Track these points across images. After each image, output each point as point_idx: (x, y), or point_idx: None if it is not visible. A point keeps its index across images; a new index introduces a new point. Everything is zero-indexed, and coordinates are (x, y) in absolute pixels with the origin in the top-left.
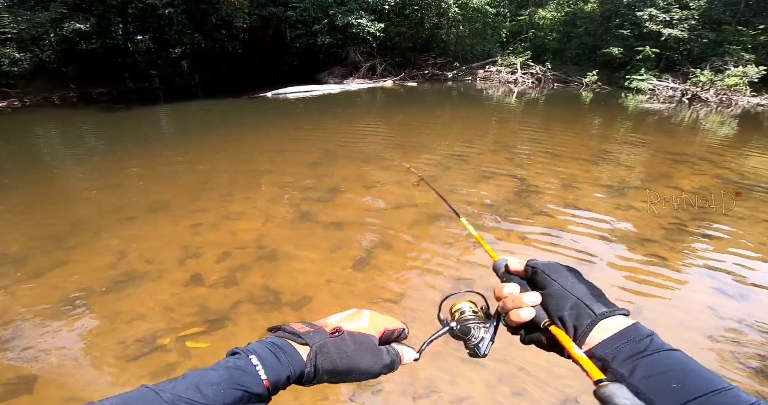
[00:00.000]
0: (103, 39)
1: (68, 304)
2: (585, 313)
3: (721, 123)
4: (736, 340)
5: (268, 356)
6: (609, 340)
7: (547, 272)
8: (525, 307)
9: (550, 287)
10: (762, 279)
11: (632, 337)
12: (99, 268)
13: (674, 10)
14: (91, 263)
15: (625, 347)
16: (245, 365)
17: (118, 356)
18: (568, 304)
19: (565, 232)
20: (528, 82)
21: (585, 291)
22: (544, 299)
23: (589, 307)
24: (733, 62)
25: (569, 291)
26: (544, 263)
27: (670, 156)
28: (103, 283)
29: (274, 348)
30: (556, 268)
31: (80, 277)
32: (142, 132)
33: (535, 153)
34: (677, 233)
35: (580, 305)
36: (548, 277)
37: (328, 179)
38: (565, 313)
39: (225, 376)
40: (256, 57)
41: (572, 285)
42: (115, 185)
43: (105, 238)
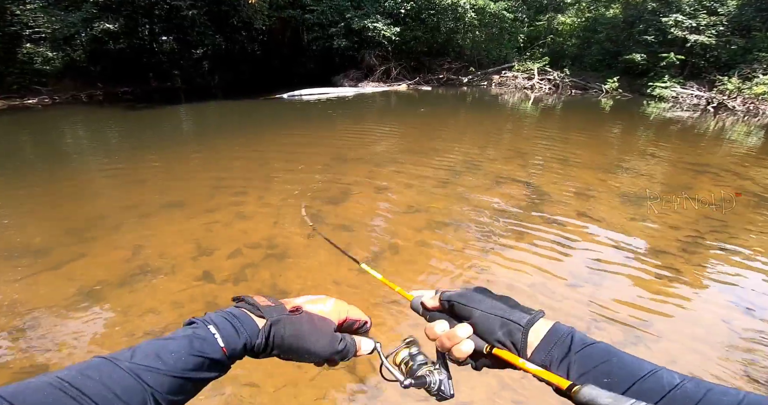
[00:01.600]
0: (130, 39)
1: (84, 295)
2: (514, 328)
3: (748, 133)
4: (749, 356)
5: (225, 325)
6: (540, 347)
7: (463, 302)
8: (462, 341)
9: (473, 316)
10: None
11: (557, 339)
12: (115, 261)
13: (701, 15)
14: (107, 257)
15: (555, 351)
16: (204, 334)
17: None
18: (497, 325)
19: (576, 241)
20: (545, 88)
21: (503, 307)
22: (474, 327)
23: (515, 321)
24: (762, 70)
25: (491, 313)
26: (457, 293)
27: (691, 166)
28: (119, 276)
29: (232, 317)
30: (468, 295)
31: (97, 270)
32: (163, 130)
33: (549, 160)
34: (693, 246)
35: (506, 323)
36: (466, 306)
37: (340, 181)
38: (498, 334)
39: (184, 344)
40: (274, 59)
41: (490, 306)
42: (134, 182)
43: (122, 233)
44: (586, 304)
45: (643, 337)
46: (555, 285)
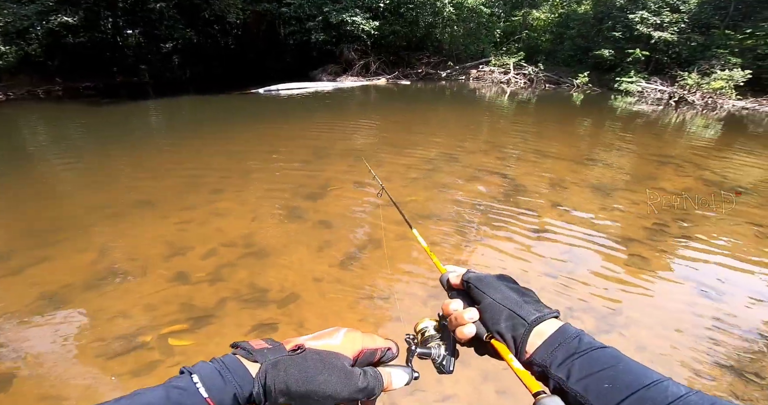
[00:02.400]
0: (91, 32)
1: (48, 300)
2: (519, 323)
3: (706, 126)
4: (713, 339)
5: (210, 374)
6: (544, 346)
7: (478, 286)
8: (467, 324)
9: (483, 302)
10: (739, 279)
11: (563, 340)
12: (81, 264)
13: (665, 13)
14: (73, 259)
15: (558, 351)
16: (185, 384)
17: (98, 354)
18: (502, 316)
19: (551, 232)
20: (520, 83)
21: (516, 300)
22: (481, 314)
23: (522, 317)
24: (720, 66)
25: (501, 303)
26: (476, 276)
27: (655, 158)
28: (85, 279)
29: (220, 365)
30: (487, 280)
31: (61, 274)
32: (130, 127)
33: (525, 153)
34: (659, 234)
35: (513, 316)
36: (480, 291)
37: (319, 177)
38: (501, 326)
39: (162, 395)
40: (249, 53)
41: (503, 296)
42: (100, 181)
43: (88, 235)
44: (562, 293)
45: (615, 323)
46: (532, 274)
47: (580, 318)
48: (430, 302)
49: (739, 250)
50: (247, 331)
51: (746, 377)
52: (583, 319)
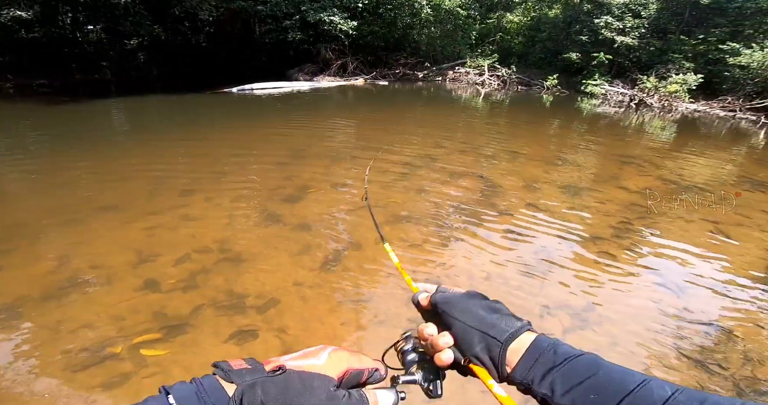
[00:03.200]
0: (47, 28)
1: (3, 313)
2: (493, 344)
3: (663, 128)
4: (676, 332)
5: (189, 395)
6: (522, 363)
7: (446, 310)
8: (444, 350)
9: (454, 326)
10: (697, 274)
11: (539, 354)
12: (38, 274)
13: (627, 18)
14: (28, 269)
15: (537, 366)
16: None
17: (63, 367)
18: (475, 339)
19: (527, 231)
20: (494, 84)
21: (486, 319)
22: (454, 338)
23: (494, 337)
24: (675, 70)
25: (471, 325)
26: (443, 299)
27: (618, 158)
28: (43, 290)
29: (198, 386)
30: (454, 301)
31: (15, 284)
32: (91, 127)
33: (500, 154)
34: (624, 232)
35: (485, 337)
36: (449, 315)
37: (296, 179)
38: (476, 349)
39: None
40: (222, 51)
41: (473, 317)
42: (57, 184)
43: (45, 242)
44: (538, 292)
45: (588, 320)
46: (509, 274)
47: (557, 315)
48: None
49: (696, 246)
50: (226, 339)
51: (709, 368)
52: (559, 317)
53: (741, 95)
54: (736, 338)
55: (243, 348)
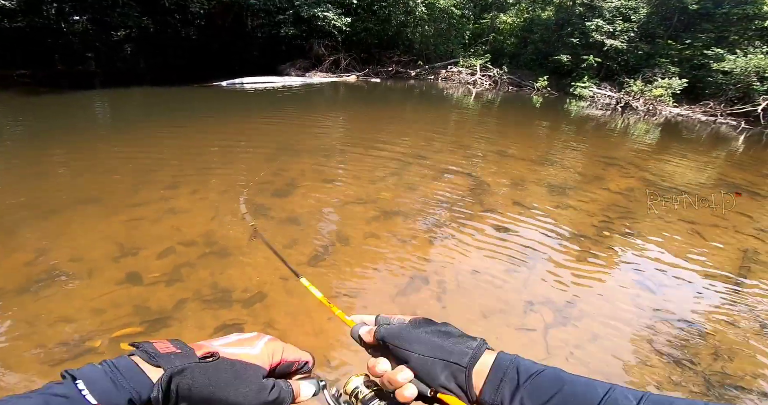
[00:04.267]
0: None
1: None
2: (456, 370)
3: (647, 130)
4: (652, 329)
5: (100, 379)
6: (488, 385)
7: (398, 345)
8: (405, 386)
9: (411, 359)
10: (675, 273)
11: (503, 374)
12: (12, 266)
13: (618, 21)
14: (2, 261)
15: (503, 387)
16: (69, 391)
17: (40, 361)
18: (437, 369)
19: (513, 229)
20: (486, 84)
21: (442, 346)
22: (414, 372)
23: (456, 363)
24: (661, 74)
25: (429, 356)
26: (390, 333)
27: (603, 159)
28: (19, 283)
29: (112, 369)
30: (403, 334)
31: None
32: (72, 118)
33: (488, 153)
34: (606, 230)
35: (447, 365)
36: (401, 349)
37: (285, 173)
38: (441, 379)
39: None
40: (213, 45)
41: (428, 347)
42: (33, 175)
43: (20, 234)
44: (522, 289)
45: (570, 316)
46: (495, 271)
47: (540, 311)
48: (398, 298)
49: (674, 246)
50: (210, 333)
51: (682, 363)
52: (542, 312)
53: (723, 100)
54: (708, 335)
55: None
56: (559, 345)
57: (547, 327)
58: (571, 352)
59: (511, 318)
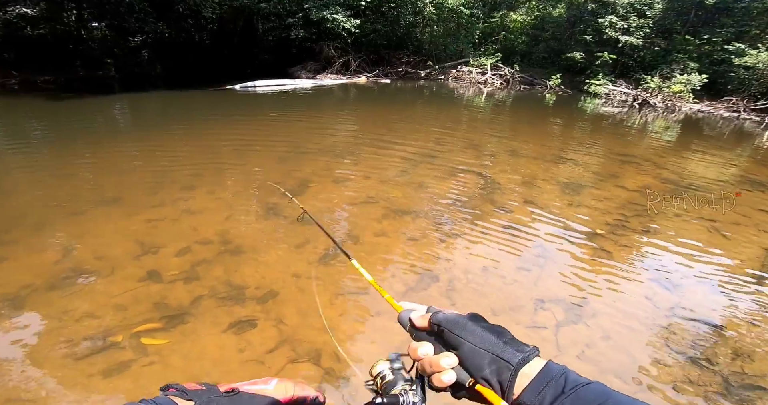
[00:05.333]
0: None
1: (8, 302)
2: (504, 366)
3: (666, 127)
4: (668, 328)
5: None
6: (531, 387)
7: (453, 330)
8: (444, 371)
9: (461, 347)
10: (691, 271)
11: (549, 379)
12: (42, 264)
13: (632, 18)
14: (32, 259)
15: (546, 391)
16: None
17: (66, 355)
18: (485, 361)
19: (524, 227)
20: (497, 83)
21: (495, 342)
22: (460, 359)
23: (506, 360)
24: (679, 70)
25: (481, 347)
26: (447, 319)
27: (618, 157)
28: (48, 280)
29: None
30: (460, 322)
31: (20, 274)
32: (94, 122)
33: (500, 152)
34: (621, 229)
35: (496, 360)
36: (456, 335)
37: (297, 174)
38: (486, 371)
39: None
40: (225, 49)
41: (482, 339)
42: (60, 177)
43: (49, 233)
44: (533, 287)
45: (582, 314)
46: (506, 268)
47: (551, 309)
48: (408, 295)
49: (693, 244)
50: (225, 329)
51: (700, 363)
52: (553, 310)
53: (746, 96)
54: (727, 335)
55: (241, 337)
56: (570, 343)
57: (558, 325)
58: (582, 350)
59: (522, 316)
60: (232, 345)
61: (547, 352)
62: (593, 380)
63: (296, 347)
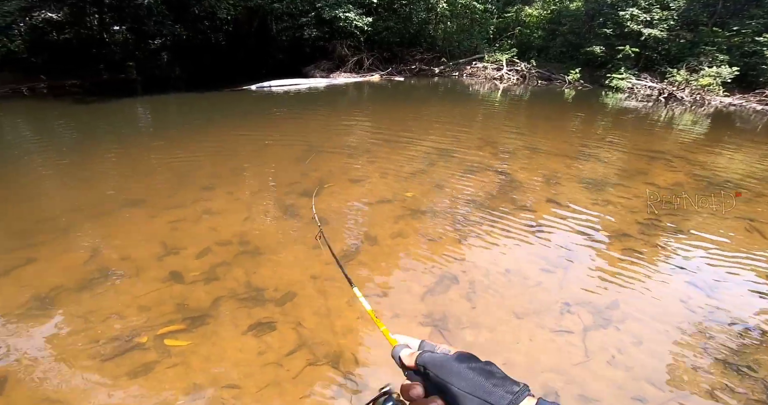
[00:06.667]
0: (76, 29)
1: (39, 302)
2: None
3: (695, 122)
4: (707, 333)
5: None
6: None
7: (438, 374)
8: None
9: (448, 391)
10: (729, 272)
11: None
12: (71, 265)
13: (655, 10)
14: (61, 260)
15: None
16: None
17: (93, 356)
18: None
19: (546, 227)
20: (513, 79)
21: (483, 385)
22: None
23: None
24: (708, 63)
25: (468, 392)
26: (433, 361)
27: (646, 153)
28: (76, 280)
29: None
30: (446, 365)
31: (50, 275)
32: (117, 125)
33: (519, 148)
34: (652, 228)
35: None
36: (441, 379)
37: (313, 174)
38: None
39: None
40: (240, 49)
41: (469, 383)
42: (86, 179)
43: (76, 235)
44: (558, 289)
45: (611, 318)
46: (528, 270)
47: (577, 313)
48: (427, 298)
49: (730, 244)
50: (245, 331)
51: (740, 370)
52: (580, 314)
53: None
54: None
55: (261, 340)
56: (599, 348)
57: (586, 329)
58: (612, 355)
59: (546, 319)
60: (251, 347)
61: (574, 358)
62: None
63: (315, 350)
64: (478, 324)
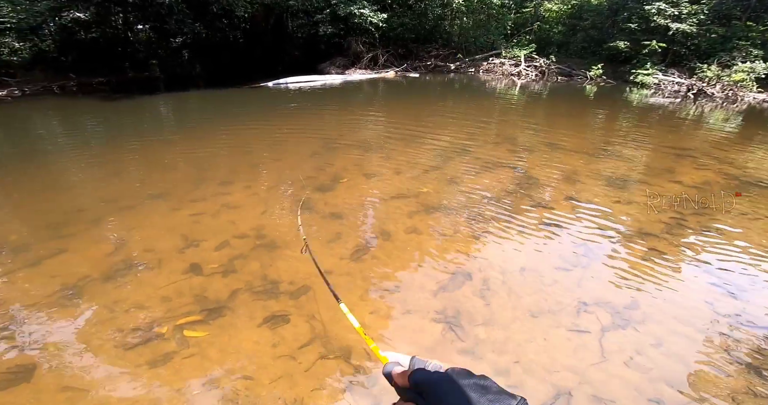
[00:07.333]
0: (102, 28)
1: (67, 292)
2: None
3: (726, 119)
4: (730, 336)
5: None
6: None
7: (433, 391)
8: None
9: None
10: (759, 275)
11: None
12: (98, 256)
13: (683, 4)
14: (89, 252)
15: None
16: None
17: (117, 345)
18: None
19: (565, 224)
20: (531, 75)
21: (479, 400)
22: None
23: None
24: (741, 58)
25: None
26: (427, 379)
27: (672, 151)
28: (102, 271)
29: None
30: (439, 383)
31: (78, 266)
32: (142, 121)
33: (536, 145)
34: (677, 228)
35: None
36: (434, 398)
37: (328, 168)
38: None
39: None
40: (257, 46)
41: (462, 400)
42: (113, 173)
43: (103, 227)
44: (575, 288)
45: (631, 319)
46: (545, 269)
47: (595, 313)
48: (440, 294)
49: (760, 246)
50: (260, 323)
51: (764, 375)
52: (598, 314)
53: None
54: None
55: (275, 332)
56: (616, 349)
57: (603, 329)
58: (630, 357)
59: (562, 318)
60: (266, 340)
61: (591, 358)
62: None
63: (327, 344)
64: (492, 321)
